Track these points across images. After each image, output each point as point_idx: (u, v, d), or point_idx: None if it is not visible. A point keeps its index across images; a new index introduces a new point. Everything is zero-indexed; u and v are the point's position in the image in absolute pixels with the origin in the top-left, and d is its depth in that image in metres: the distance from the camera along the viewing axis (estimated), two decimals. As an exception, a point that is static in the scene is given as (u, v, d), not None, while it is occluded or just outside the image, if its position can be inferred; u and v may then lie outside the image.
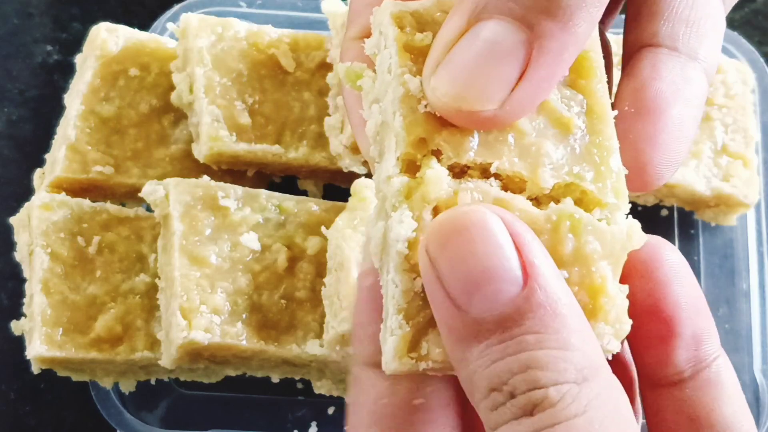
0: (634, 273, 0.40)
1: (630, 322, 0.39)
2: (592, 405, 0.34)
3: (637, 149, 0.42)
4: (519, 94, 0.36)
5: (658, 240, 0.41)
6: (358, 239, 0.67)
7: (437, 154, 0.39)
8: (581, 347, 0.35)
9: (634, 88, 0.42)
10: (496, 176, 0.39)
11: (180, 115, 0.78)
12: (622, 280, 0.40)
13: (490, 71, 0.36)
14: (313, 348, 0.69)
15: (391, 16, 0.40)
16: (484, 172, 0.39)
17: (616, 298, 0.39)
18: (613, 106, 0.42)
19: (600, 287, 0.38)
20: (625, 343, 0.42)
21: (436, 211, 0.38)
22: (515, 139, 0.40)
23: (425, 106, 0.39)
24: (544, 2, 0.35)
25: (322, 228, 0.71)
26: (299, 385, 0.77)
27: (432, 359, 0.38)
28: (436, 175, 0.37)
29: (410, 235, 0.37)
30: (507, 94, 0.36)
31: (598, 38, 0.42)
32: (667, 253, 0.40)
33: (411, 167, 0.39)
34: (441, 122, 0.39)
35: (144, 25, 0.83)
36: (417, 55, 0.39)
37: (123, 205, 0.76)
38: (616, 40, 0.47)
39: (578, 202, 0.40)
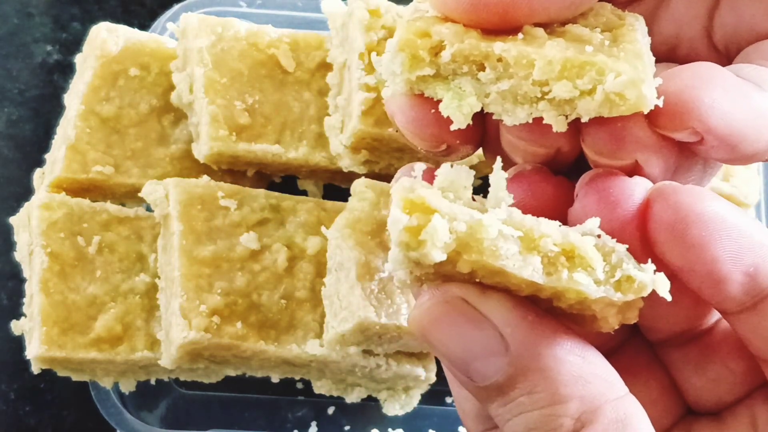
0: (665, 239, 0.38)
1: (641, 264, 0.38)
2: None
3: (677, 74, 0.38)
4: None
5: (685, 192, 0.38)
6: (358, 239, 0.67)
7: (438, 50, 0.38)
8: (575, 394, 0.36)
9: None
10: (502, 68, 0.38)
11: (180, 115, 0.78)
12: (651, 249, 0.38)
13: None
14: (313, 348, 0.69)
15: None
16: (484, 65, 0.38)
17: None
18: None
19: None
20: None
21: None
22: (524, 38, 0.38)
23: (429, 13, 0.39)
24: None
25: (322, 228, 0.71)
26: (299, 385, 0.77)
27: None
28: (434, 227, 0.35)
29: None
30: None
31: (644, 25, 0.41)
32: (699, 204, 0.38)
33: (415, 61, 0.38)
34: (445, 21, 0.38)
35: (144, 25, 0.83)
36: None
37: (123, 205, 0.76)
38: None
39: (594, 82, 0.37)
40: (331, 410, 0.77)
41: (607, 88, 0.37)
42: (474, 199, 0.39)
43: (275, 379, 0.74)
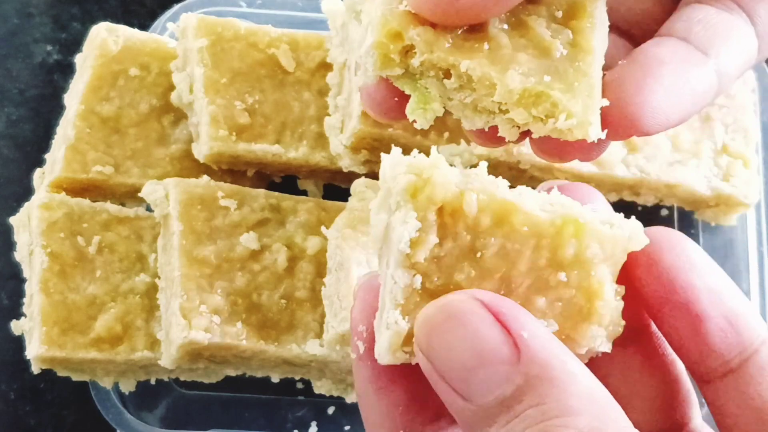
0: (640, 266, 0.39)
1: (623, 323, 0.39)
2: None
3: (622, 90, 0.42)
4: None
5: (662, 231, 0.40)
6: (358, 239, 0.67)
7: (409, 49, 0.40)
8: (585, 409, 0.34)
9: (633, 51, 0.43)
10: (465, 79, 0.40)
11: (180, 115, 0.78)
12: (627, 276, 0.40)
13: None
14: (313, 348, 0.69)
15: None
16: (451, 73, 0.41)
17: (612, 301, 0.39)
18: (605, 66, 0.43)
19: (597, 291, 0.38)
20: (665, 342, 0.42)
21: (440, 211, 0.38)
22: (490, 48, 0.41)
23: (405, 5, 0.41)
24: None
25: (322, 228, 0.71)
26: (299, 385, 0.77)
27: None
28: (443, 176, 0.37)
29: (413, 235, 0.37)
30: None
31: (605, 4, 0.42)
32: (674, 242, 0.40)
33: (386, 62, 0.41)
34: (418, 20, 0.40)
35: (144, 25, 0.83)
36: None
37: (123, 205, 0.76)
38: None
39: (546, 114, 0.41)
40: (331, 410, 0.77)
41: (558, 125, 0.41)
42: None
43: (275, 379, 0.74)
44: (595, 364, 0.40)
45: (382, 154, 0.38)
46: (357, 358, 0.41)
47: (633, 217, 0.39)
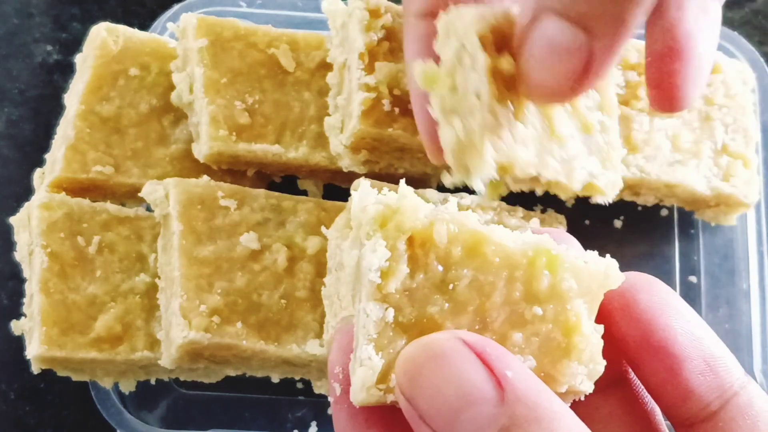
0: (616, 308, 0.40)
1: (604, 363, 0.39)
2: None
3: (671, 84, 0.51)
4: (587, 83, 0.41)
5: (639, 275, 0.42)
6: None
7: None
8: None
9: (663, 27, 0.49)
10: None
11: (180, 115, 0.78)
12: (604, 319, 0.40)
13: (560, 67, 0.41)
14: (313, 348, 0.69)
15: (477, 37, 0.42)
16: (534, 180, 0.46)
17: (591, 337, 0.39)
18: (647, 48, 0.50)
19: (574, 326, 0.38)
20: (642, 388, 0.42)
21: (410, 241, 0.37)
22: (558, 148, 0.46)
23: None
24: (601, 8, 0.39)
25: (322, 228, 0.71)
26: (299, 385, 0.77)
27: None
28: (412, 205, 0.37)
29: (383, 264, 0.37)
30: (576, 81, 0.41)
31: None
32: (650, 285, 0.41)
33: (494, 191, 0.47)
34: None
35: (144, 25, 0.83)
36: (501, 80, 0.43)
37: (123, 205, 0.76)
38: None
39: (588, 192, 0.47)
40: (331, 410, 0.77)
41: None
42: None
43: (275, 379, 0.74)
44: (575, 412, 0.40)
45: (352, 191, 0.38)
46: (334, 402, 0.41)
47: (608, 256, 0.40)
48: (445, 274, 0.38)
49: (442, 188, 0.70)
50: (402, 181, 0.39)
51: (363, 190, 0.38)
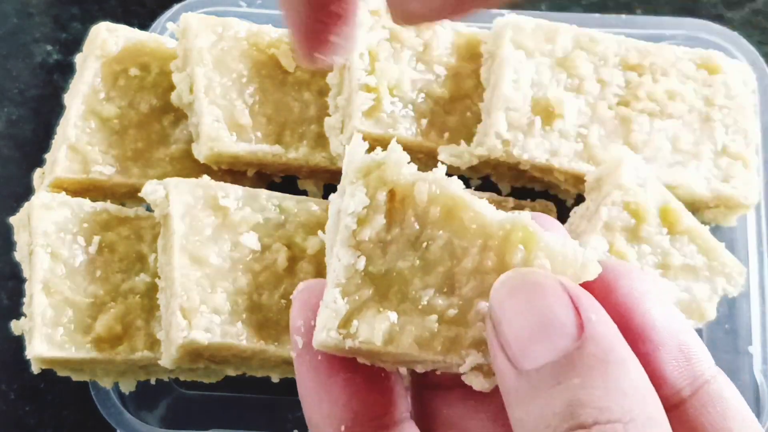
0: (595, 292, 0.40)
1: None
2: None
3: None
4: None
5: (620, 262, 0.43)
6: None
7: None
8: (630, 393, 0.35)
9: None
10: None
11: (180, 115, 0.78)
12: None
13: None
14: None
15: None
16: None
17: None
18: None
19: None
20: None
21: (391, 195, 0.38)
22: None
23: None
24: None
25: (320, 233, 0.71)
26: (299, 385, 0.77)
27: (360, 339, 0.38)
28: (397, 159, 0.38)
29: (360, 211, 0.38)
30: None
31: None
32: (630, 272, 0.41)
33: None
34: None
35: (144, 25, 0.83)
36: None
37: (123, 205, 0.76)
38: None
39: None
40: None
41: None
42: None
43: (275, 379, 0.74)
44: None
45: (345, 146, 0.38)
46: (296, 356, 0.41)
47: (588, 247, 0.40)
48: (420, 231, 0.39)
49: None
50: (394, 140, 0.39)
51: (354, 143, 0.39)
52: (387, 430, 0.41)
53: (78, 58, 0.79)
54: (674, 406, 0.40)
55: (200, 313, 0.67)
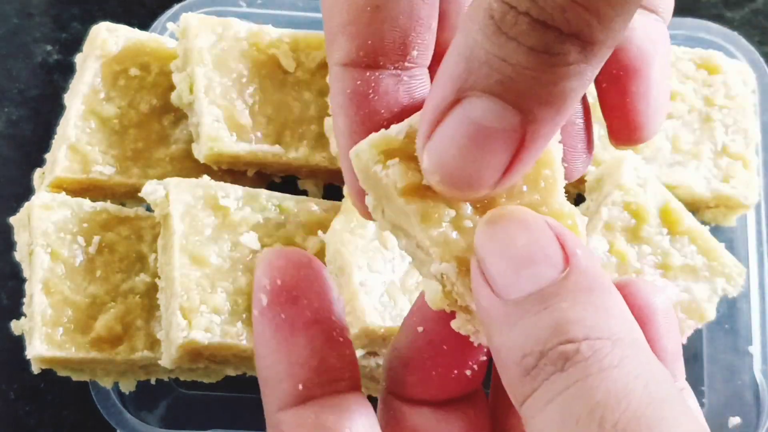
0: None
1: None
2: (628, 360, 0.34)
3: (633, 108, 0.44)
4: (510, 177, 0.37)
5: (649, 286, 0.43)
6: (357, 243, 0.67)
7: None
8: (616, 315, 0.35)
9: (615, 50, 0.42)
10: None
11: (180, 115, 0.78)
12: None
13: (482, 157, 0.36)
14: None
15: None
16: None
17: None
18: (602, 71, 0.42)
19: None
20: None
21: None
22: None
23: None
24: (539, 89, 0.34)
25: (320, 233, 0.71)
26: (299, 385, 0.77)
27: None
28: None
29: None
30: (498, 178, 0.36)
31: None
32: (659, 302, 0.43)
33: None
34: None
35: (144, 25, 0.83)
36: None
37: (123, 205, 0.76)
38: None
39: None
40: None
41: None
42: None
43: (275, 379, 0.74)
44: None
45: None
46: (258, 313, 0.41)
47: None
48: None
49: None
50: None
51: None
52: (342, 395, 0.41)
53: (78, 58, 0.79)
54: None
55: (200, 313, 0.67)
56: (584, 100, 0.45)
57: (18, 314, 0.72)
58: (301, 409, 0.40)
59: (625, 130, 0.44)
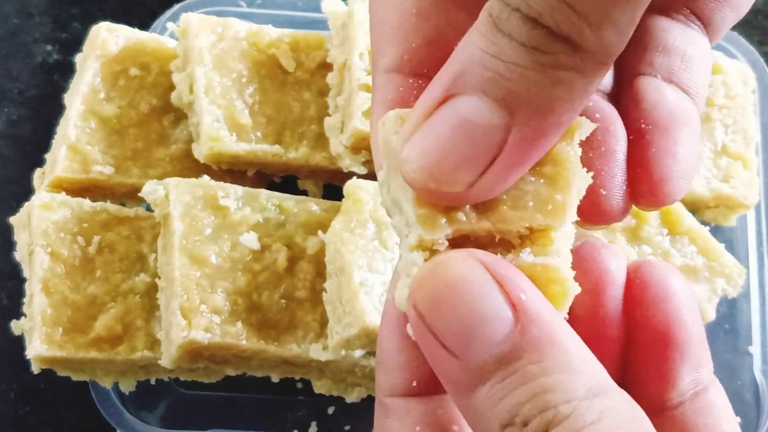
0: (647, 300, 0.41)
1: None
2: (608, 413, 0.34)
3: (660, 162, 0.41)
4: (487, 179, 0.36)
5: (666, 266, 0.42)
6: (357, 243, 0.67)
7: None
8: (586, 369, 0.35)
9: (645, 108, 0.42)
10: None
11: (180, 115, 0.78)
12: (634, 307, 0.41)
13: (463, 151, 0.35)
14: (316, 353, 0.69)
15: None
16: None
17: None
18: (629, 129, 0.42)
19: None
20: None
21: None
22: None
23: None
24: (528, 89, 0.34)
25: (320, 233, 0.71)
26: (299, 385, 0.77)
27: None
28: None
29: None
30: (476, 177, 0.35)
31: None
32: (676, 281, 0.41)
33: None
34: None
35: (144, 24, 0.83)
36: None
37: (123, 205, 0.76)
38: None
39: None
40: (331, 410, 0.77)
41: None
42: None
43: (275, 379, 0.74)
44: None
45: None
46: (390, 306, 0.41)
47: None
48: None
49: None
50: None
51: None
52: (448, 401, 0.41)
53: (78, 58, 0.79)
54: (674, 407, 0.41)
55: (200, 312, 0.67)
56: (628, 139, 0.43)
57: (18, 314, 0.72)
58: (412, 399, 0.40)
59: (646, 185, 0.41)
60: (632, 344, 0.42)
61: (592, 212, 0.40)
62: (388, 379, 0.41)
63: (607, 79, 0.43)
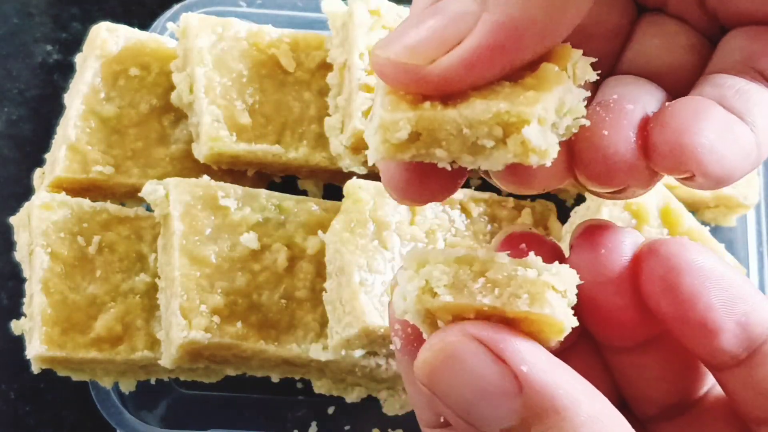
0: (658, 290, 0.39)
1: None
2: None
3: (675, 120, 0.39)
4: (451, 57, 0.36)
5: (675, 244, 0.40)
6: (357, 242, 0.67)
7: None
8: (601, 429, 0.35)
9: (672, 102, 0.41)
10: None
11: (180, 115, 0.78)
12: (650, 295, 0.40)
13: (431, 30, 0.36)
14: (316, 353, 0.69)
15: None
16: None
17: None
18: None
19: None
20: None
21: None
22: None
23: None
24: None
25: (320, 233, 0.71)
26: (299, 385, 0.77)
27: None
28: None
29: None
30: (440, 54, 0.36)
31: None
32: (690, 263, 0.39)
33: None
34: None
35: (144, 24, 0.83)
36: None
37: (123, 205, 0.76)
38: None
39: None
40: (331, 410, 0.77)
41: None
42: None
43: (275, 379, 0.74)
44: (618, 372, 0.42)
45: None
46: (397, 353, 0.42)
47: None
48: None
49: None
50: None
51: None
52: None
53: (78, 58, 0.79)
54: (732, 366, 0.40)
55: (200, 312, 0.67)
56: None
57: (18, 314, 0.72)
58: (446, 430, 0.41)
59: (660, 135, 0.38)
60: (671, 328, 0.41)
61: (598, 169, 0.39)
62: (421, 412, 0.42)
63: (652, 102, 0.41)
